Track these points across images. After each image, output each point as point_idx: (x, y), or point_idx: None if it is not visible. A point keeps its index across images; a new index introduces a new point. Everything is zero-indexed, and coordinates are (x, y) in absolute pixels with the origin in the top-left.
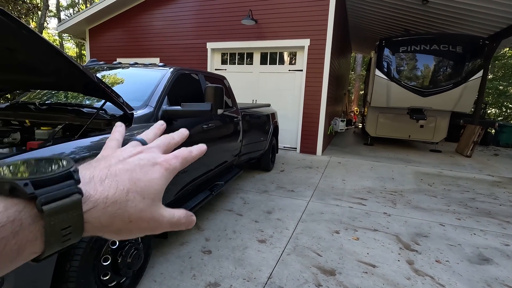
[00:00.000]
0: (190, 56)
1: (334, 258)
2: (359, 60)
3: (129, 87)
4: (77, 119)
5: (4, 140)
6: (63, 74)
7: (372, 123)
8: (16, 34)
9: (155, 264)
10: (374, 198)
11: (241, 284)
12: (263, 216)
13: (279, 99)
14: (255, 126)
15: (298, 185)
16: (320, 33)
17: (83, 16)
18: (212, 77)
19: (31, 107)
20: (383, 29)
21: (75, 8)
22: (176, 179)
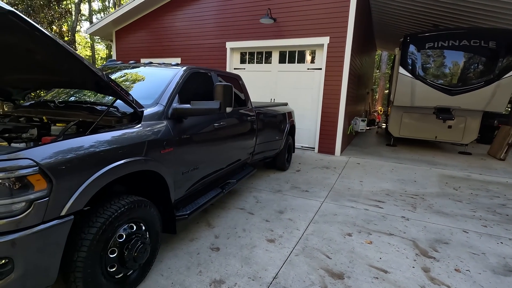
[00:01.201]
0: (210, 56)
1: (344, 261)
2: (384, 58)
3: (142, 85)
4: (90, 116)
5: (23, 135)
6: (76, 73)
7: (396, 123)
8: (31, 35)
9: (163, 259)
10: (392, 201)
11: (245, 283)
12: (274, 216)
13: (297, 98)
14: (270, 125)
15: (313, 185)
16: (340, 31)
17: (110, 19)
18: (226, 76)
19: (50, 105)
20: (409, 25)
21: (105, 12)
22: (188, 175)
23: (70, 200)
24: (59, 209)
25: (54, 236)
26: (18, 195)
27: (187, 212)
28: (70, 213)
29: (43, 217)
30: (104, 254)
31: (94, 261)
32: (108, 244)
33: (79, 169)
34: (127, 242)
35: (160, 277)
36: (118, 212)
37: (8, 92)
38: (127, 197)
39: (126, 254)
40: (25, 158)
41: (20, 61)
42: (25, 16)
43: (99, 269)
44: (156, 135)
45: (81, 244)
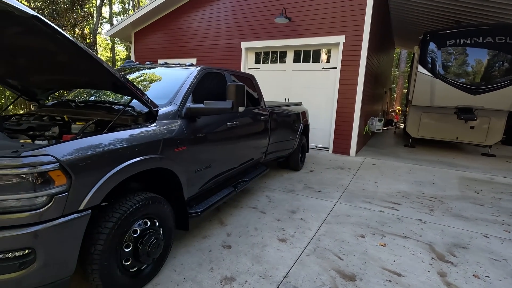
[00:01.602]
0: (225, 56)
1: (356, 263)
2: (403, 56)
3: (158, 85)
4: (107, 115)
5: (45, 133)
6: (95, 74)
7: (414, 123)
8: (54, 38)
9: (177, 255)
10: (408, 203)
11: (256, 281)
12: (286, 215)
13: (312, 98)
14: (284, 125)
15: (327, 186)
16: (356, 29)
17: (129, 21)
18: (239, 75)
19: (71, 105)
20: (429, 22)
21: (125, 14)
22: (200, 174)
23: (88, 195)
24: (77, 204)
25: (72, 229)
26: (40, 189)
27: (200, 210)
28: (88, 208)
29: (63, 210)
30: (119, 248)
31: (110, 255)
32: (124, 238)
33: (97, 166)
34: (141, 237)
35: (173, 272)
36: (133, 208)
37: (34, 92)
38: (141, 193)
39: (140, 249)
40: (47, 155)
41: (44, 63)
42: (47, 20)
43: (115, 262)
44: (170, 134)
45: (98, 238)
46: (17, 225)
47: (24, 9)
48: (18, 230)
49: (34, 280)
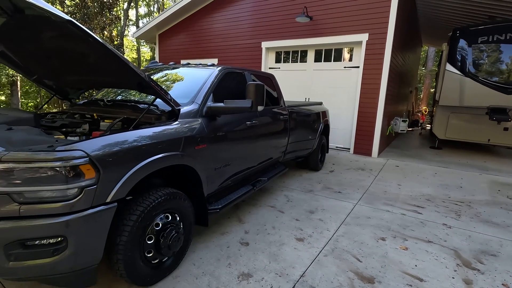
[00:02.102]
0: (245, 56)
1: (375, 266)
2: (431, 54)
3: (180, 85)
4: (133, 114)
5: (77, 130)
6: (122, 74)
7: (441, 124)
8: (85, 41)
9: (196, 249)
10: (433, 207)
11: (272, 278)
12: (304, 215)
13: (332, 97)
14: (303, 124)
15: (347, 187)
16: (380, 27)
17: (154, 23)
18: (259, 75)
19: (100, 103)
20: (459, 18)
21: (150, 16)
22: (220, 171)
23: (115, 189)
24: (105, 196)
25: (100, 220)
26: (72, 182)
27: (219, 206)
28: (114, 201)
29: (92, 202)
30: (142, 240)
31: (134, 246)
32: (146, 231)
33: (123, 161)
34: (163, 231)
35: (192, 266)
36: (156, 202)
37: (66, 91)
38: (163, 188)
39: (162, 242)
40: (78, 150)
41: (76, 64)
42: (80, 25)
43: (138, 253)
44: (191, 132)
45: (123, 229)
46: (51, 214)
47: (60, 14)
48: (52, 219)
49: (66, 266)
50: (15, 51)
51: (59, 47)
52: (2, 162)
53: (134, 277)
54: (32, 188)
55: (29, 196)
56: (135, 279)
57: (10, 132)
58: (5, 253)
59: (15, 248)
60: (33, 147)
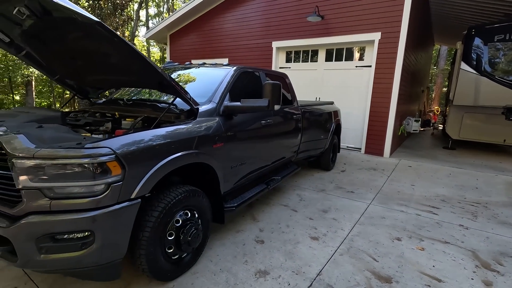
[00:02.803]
0: (256, 55)
1: (392, 266)
2: (443, 53)
3: (197, 84)
4: (153, 113)
5: (100, 128)
6: (143, 74)
7: (455, 124)
8: (110, 41)
9: (213, 246)
10: (448, 208)
11: (289, 276)
12: (318, 214)
13: (344, 97)
14: (316, 124)
15: (359, 186)
16: (393, 25)
17: (165, 24)
18: (273, 74)
19: (120, 103)
20: (474, 16)
21: (160, 16)
22: (236, 170)
23: (139, 185)
24: (130, 193)
25: (125, 216)
26: (99, 178)
27: (235, 205)
28: (138, 197)
29: (118, 198)
30: (163, 236)
31: (155, 241)
32: (167, 227)
33: (147, 158)
34: (182, 227)
35: (210, 262)
36: (176, 199)
37: (87, 91)
38: (183, 186)
39: (182, 238)
40: (105, 147)
41: (98, 64)
42: (107, 26)
43: (159, 249)
44: (210, 131)
45: (145, 225)
46: (79, 210)
47: (89, 16)
48: (80, 214)
49: (92, 260)
50: (40, 52)
51: (82, 48)
52: (35, 158)
53: (156, 272)
54: (62, 183)
55: (59, 192)
56: (157, 274)
57: (40, 130)
58: (36, 246)
59: (46, 241)
60: (62, 144)
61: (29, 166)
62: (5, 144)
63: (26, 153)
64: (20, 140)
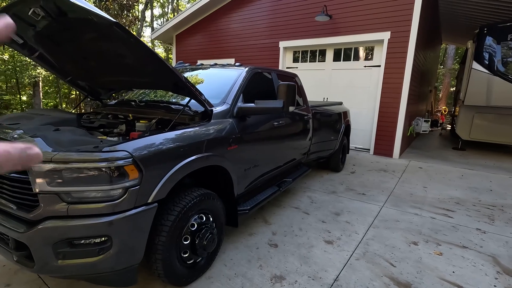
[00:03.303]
0: (262, 55)
1: (411, 271)
2: (450, 52)
3: (209, 85)
4: (167, 114)
5: (114, 130)
6: (158, 75)
7: (465, 124)
8: (126, 42)
9: (226, 250)
10: (464, 211)
11: (306, 282)
12: (330, 217)
13: (352, 97)
14: (326, 125)
15: (370, 188)
16: (403, 24)
17: (171, 24)
18: (284, 75)
19: (132, 104)
20: (485, 15)
21: (164, 17)
22: (249, 172)
23: (155, 189)
24: (147, 197)
25: (143, 220)
26: (117, 182)
27: (248, 208)
28: (155, 201)
29: (135, 203)
30: (179, 240)
31: (171, 246)
32: (183, 231)
33: (163, 161)
34: (198, 231)
35: (224, 267)
36: (192, 203)
37: (98, 92)
38: (198, 189)
39: (197, 242)
40: (122, 150)
41: (112, 65)
42: (125, 27)
43: (175, 254)
44: (224, 133)
45: (162, 230)
46: (97, 214)
47: (106, 16)
48: (98, 219)
49: (108, 265)
50: (53, 53)
51: (96, 49)
52: (52, 162)
53: (171, 277)
54: (79, 188)
55: (77, 196)
56: (172, 279)
57: (57, 133)
58: (54, 251)
59: (63, 246)
60: (80, 147)
61: (46, 170)
62: None
63: (44, 156)
64: (37, 143)
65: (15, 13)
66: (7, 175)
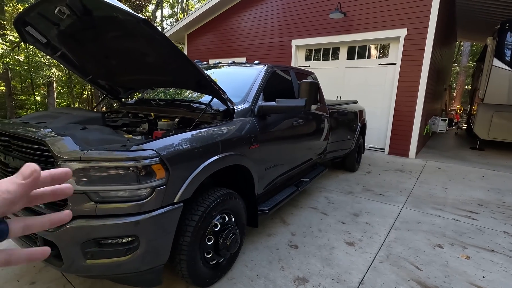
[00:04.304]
0: (274, 54)
1: (438, 275)
2: (465, 49)
3: (228, 84)
4: (188, 113)
5: (137, 129)
6: (181, 73)
7: (484, 123)
8: (151, 39)
9: (246, 251)
10: (488, 213)
11: (330, 284)
12: (349, 218)
13: (366, 96)
14: (342, 124)
15: (388, 189)
16: (421, 21)
17: (183, 24)
18: (301, 73)
19: (152, 103)
20: (504, 10)
21: (174, 17)
22: (269, 171)
23: (181, 189)
24: (173, 197)
25: (168, 220)
26: (144, 181)
27: (268, 208)
28: (181, 201)
29: (162, 202)
30: (203, 240)
31: (196, 246)
32: (206, 231)
33: (189, 161)
34: (221, 232)
35: (245, 268)
36: (215, 203)
37: (118, 91)
38: (220, 189)
39: (221, 243)
40: (149, 149)
41: (133, 64)
42: (152, 24)
43: (199, 254)
44: (247, 132)
45: (186, 230)
46: (125, 214)
47: (134, 13)
48: (126, 219)
49: (134, 266)
50: (75, 52)
51: (118, 47)
52: (81, 161)
53: (195, 277)
54: (107, 187)
55: (104, 195)
56: (196, 280)
57: (85, 132)
58: (82, 250)
59: (91, 246)
60: (107, 146)
61: (76, 169)
62: (51, 146)
63: (73, 155)
64: (66, 142)
65: (40, 12)
66: None
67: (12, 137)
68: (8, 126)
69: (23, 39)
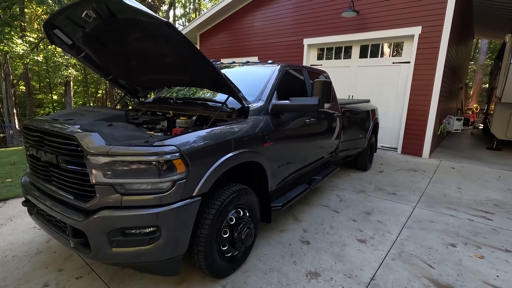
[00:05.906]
0: (286, 53)
1: (451, 274)
2: (483, 47)
3: (243, 83)
4: (205, 111)
5: (157, 126)
6: (198, 73)
7: (502, 123)
8: (172, 41)
9: (259, 245)
10: (504, 214)
11: (342, 279)
12: (361, 216)
13: (378, 94)
14: (354, 123)
15: (401, 188)
16: (436, 18)
17: (195, 24)
18: (313, 72)
19: (170, 101)
20: None
21: (186, 17)
22: (282, 169)
23: (200, 183)
24: (192, 190)
25: (188, 213)
26: (166, 175)
27: (280, 204)
28: (199, 195)
29: (181, 195)
30: (219, 233)
31: (212, 239)
32: (222, 225)
33: (207, 156)
34: (236, 225)
35: (258, 261)
36: (231, 197)
37: (137, 90)
38: (235, 184)
39: (236, 236)
40: (170, 145)
41: (152, 64)
42: (174, 26)
43: (215, 246)
44: (261, 129)
45: (203, 223)
46: (148, 206)
47: (157, 16)
48: (149, 210)
49: (155, 255)
50: (98, 53)
51: (139, 48)
52: (109, 155)
53: (212, 269)
54: (132, 180)
55: (129, 188)
56: (212, 271)
57: (111, 128)
58: (108, 239)
59: (116, 235)
60: (132, 142)
61: (103, 163)
62: (81, 141)
63: (101, 150)
64: (94, 137)
65: (68, 15)
66: (65, 167)
67: (44, 133)
68: (39, 122)
69: (51, 41)
